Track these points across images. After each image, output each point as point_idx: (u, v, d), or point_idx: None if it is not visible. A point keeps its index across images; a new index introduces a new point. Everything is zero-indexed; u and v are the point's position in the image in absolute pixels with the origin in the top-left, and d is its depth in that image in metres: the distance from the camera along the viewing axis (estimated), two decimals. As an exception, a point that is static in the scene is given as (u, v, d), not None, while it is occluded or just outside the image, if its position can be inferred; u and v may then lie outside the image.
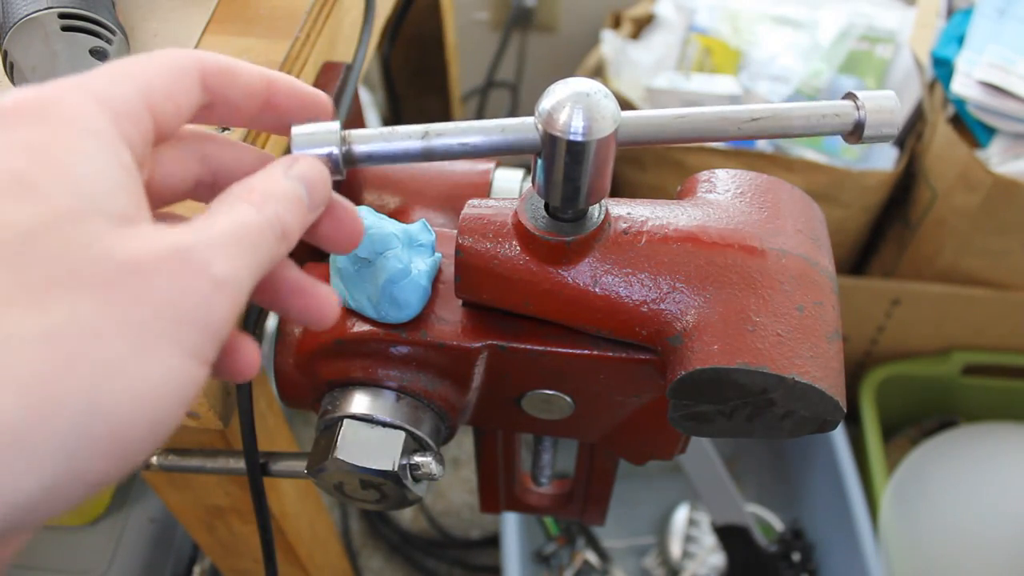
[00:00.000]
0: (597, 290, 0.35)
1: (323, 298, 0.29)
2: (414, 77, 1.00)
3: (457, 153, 0.30)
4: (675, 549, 1.08)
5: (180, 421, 0.22)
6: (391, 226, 0.38)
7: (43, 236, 0.20)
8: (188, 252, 0.22)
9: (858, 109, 0.31)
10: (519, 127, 0.31)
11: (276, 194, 0.26)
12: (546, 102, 0.30)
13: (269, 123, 0.29)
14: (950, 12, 1.03)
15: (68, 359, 0.20)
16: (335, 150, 0.29)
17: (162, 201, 0.28)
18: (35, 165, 0.21)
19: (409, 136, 0.30)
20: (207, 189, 0.29)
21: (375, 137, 0.30)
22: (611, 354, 0.37)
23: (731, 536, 0.77)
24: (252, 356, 0.27)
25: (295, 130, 0.29)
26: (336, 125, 0.29)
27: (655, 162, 1.06)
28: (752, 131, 0.31)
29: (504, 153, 0.31)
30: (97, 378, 0.20)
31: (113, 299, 0.21)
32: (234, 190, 0.26)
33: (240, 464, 0.43)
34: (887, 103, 0.31)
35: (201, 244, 0.23)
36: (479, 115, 1.45)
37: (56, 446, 0.19)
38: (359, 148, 0.29)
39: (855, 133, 0.32)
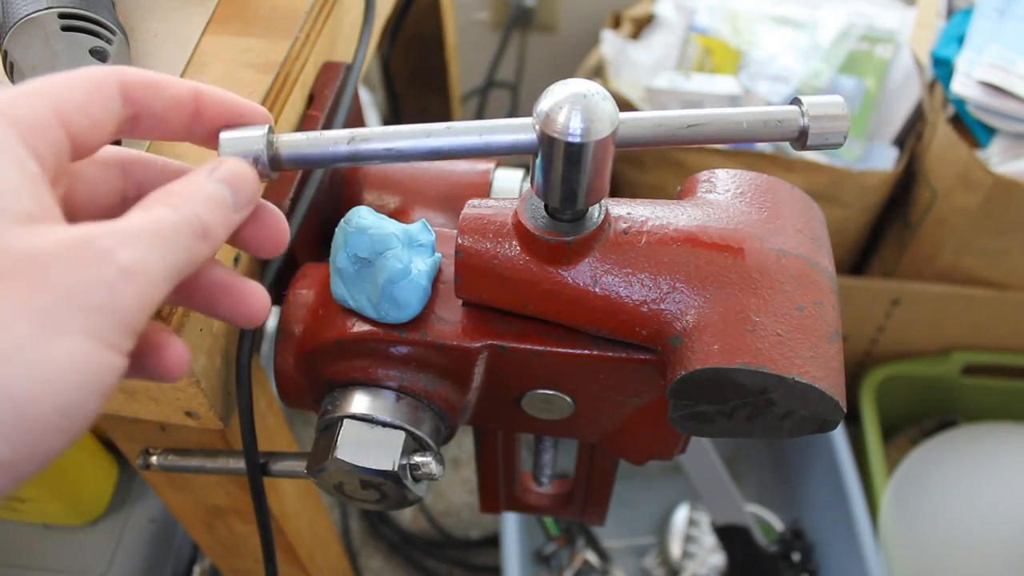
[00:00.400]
0: (597, 290, 0.35)
1: (252, 295, 0.29)
2: (414, 77, 1.00)
3: (382, 157, 0.31)
4: (675, 549, 1.08)
5: (97, 409, 0.23)
6: (391, 226, 0.38)
7: None
8: (91, 241, 0.23)
9: (802, 116, 0.31)
10: (515, 127, 0.31)
11: (196, 196, 0.26)
12: (544, 103, 0.30)
13: (201, 135, 0.30)
14: (950, 12, 1.03)
15: None
16: (262, 153, 0.29)
17: (88, 217, 0.28)
18: None
19: (335, 141, 0.30)
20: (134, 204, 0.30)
21: (302, 142, 0.30)
22: (611, 354, 0.37)
23: (731, 536, 0.77)
24: (180, 355, 0.27)
25: (223, 135, 0.29)
26: (263, 129, 0.30)
27: (655, 162, 1.06)
28: (692, 136, 0.31)
29: (495, 154, 0.31)
30: (1, 360, 0.20)
31: (13, 287, 0.21)
32: (153, 195, 0.26)
33: (240, 464, 0.43)
34: (833, 109, 0.31)
35: (106, 235, 0.23)
36: (479, 115, 1.45)
37: None
38: (286, 151, 0.30)
39: (799, 140, 0.31)
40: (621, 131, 0.31)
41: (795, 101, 0.32)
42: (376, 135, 0.30)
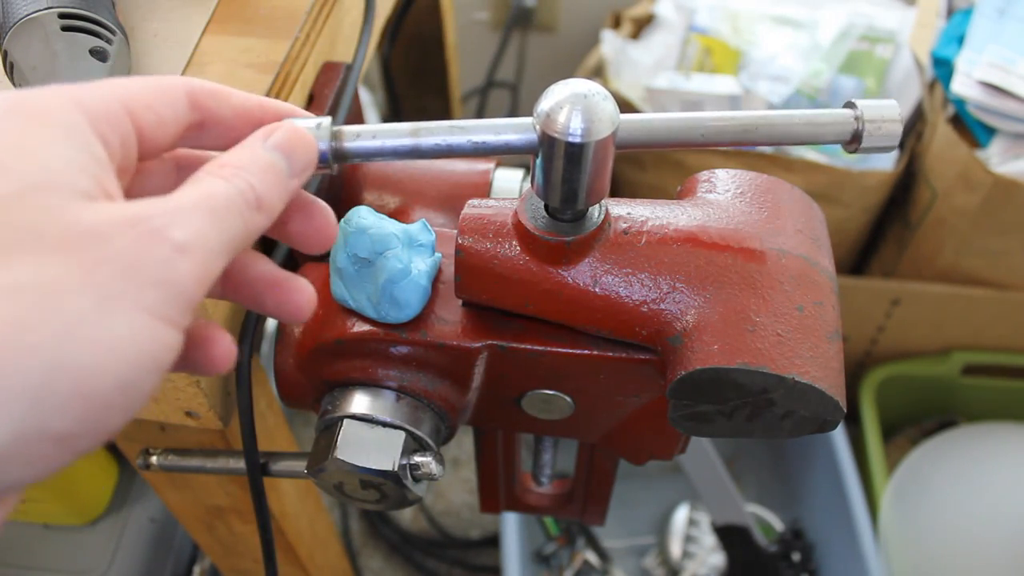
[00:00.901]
0: (597, 290, 0.35)
1: (299, 291, 0.29)
2: (414, 77, 1.00)
3: (445, 152, 0.30)
4: (675, 549, 1.08)
5: (154, 388, 0.23)
6: (391, 226, 0.38)
7: (10, 205, 0.21)
8: (146, 219, 0.23)
9: (856, 119, 0.31)
10: (515, 127, 0.31)
11: (249, 165, 0.26)
12: (545, 103, 0.30)
13: None
14: (950, 12, 1.03)
15: (33, 313, 0.20)
16: (327, 145, 0.29)
17: None
18: (5, 149, 0.22)
19: (398, 134, 0.30)
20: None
21: (366, 134, 0.30)
22: (611, 354, 0.37)
23: (731, 536, 0.77)
24: (227, 348, 0.28)
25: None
26: (328, 120, 0.30)
27: (655, 162, 1.06)
28: (751, 139, 0.31)
29: (495, 153, 0.31)
30: (61, 332, 0.21)
31: (76, 260, 0.21)
32: (206, 167, 0.26)
33: (240, 464, 0.43)
34: (888, 112, 0.31)
35: (160, 212, 0.23)
36: (479, 115, 1.45)
37: (21, 396, 0.20)
38: (351, 144, 0.30)
39: (853, 142, 0.32)
40: (676, 132, 0.31)
41: (849, 104, 0.32)
42: (441, 129, 0.30)
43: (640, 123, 0.31)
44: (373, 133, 0.30)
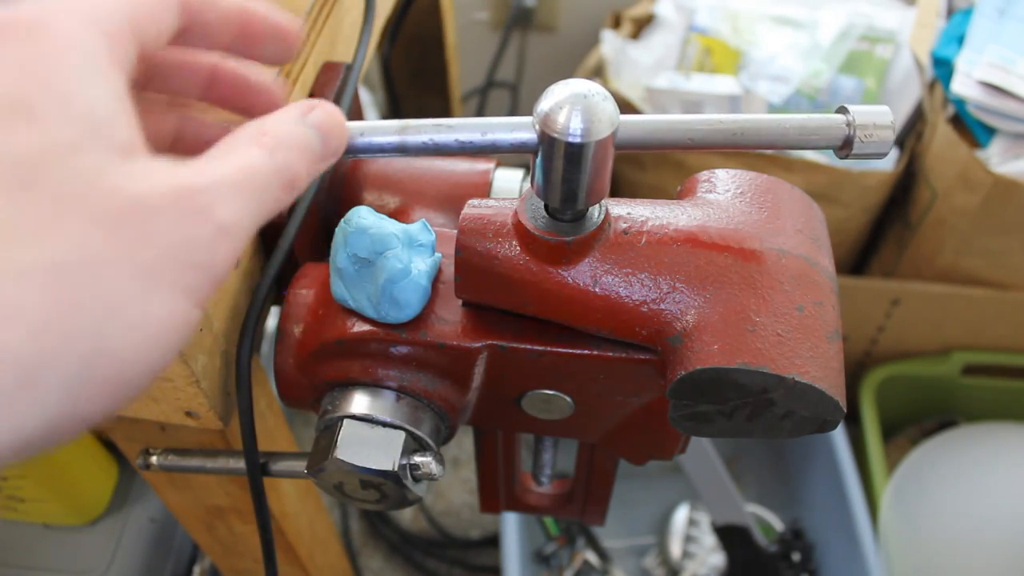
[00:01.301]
0: (597, 290, 0.35)
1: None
2: (414, 77, 1.00)
3: (432, 151, 0.30)
4: (675, 549, 1.08)
5: (171, 363, 0.22)
6: (391, 226, 0.38)
7: (48, 166, 0.20)
8: (194, 194, 0.22)
9: (848, 125, 0.31)
10: (505, 126, 0.31)
11: (289, 141, 0.25)
12: (544, 103, 0.30)
13: (242, 50, 0.29)
14: (950, 12, 1.03)
15: (77, 295, 0.19)
16: None
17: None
18: (31, 88, 0.20)
19: (386, 131, 0.30)
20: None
21: (353, 131, 0.30)
22: (611, 354, 0.37)
23: (731, 536, 0.77)
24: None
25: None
26: None
27: (655, 162, 1.06)
28: (741, 143, 0.31)
29: (483, 152, 0.31)
30: (104, 317, 0.20)
31: (121, 236, 0.20)
32: (247, 130, 0.25)
33: (240, 464, 0.43)
34: (880, 118, 0.31)
35: (207, 187, 0.22)
36: (479, 115, 1.45)
37: (61, 385, 0.19)
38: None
39: (844, 148, 0.31)
40: (666, 134, 0.31)
41: (841, 110, 0.31)
42: (426, 127, 0.30)
43: (633, 125, 0.31)
44: (361, 131, 0.30)
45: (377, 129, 0.30)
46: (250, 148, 0.24)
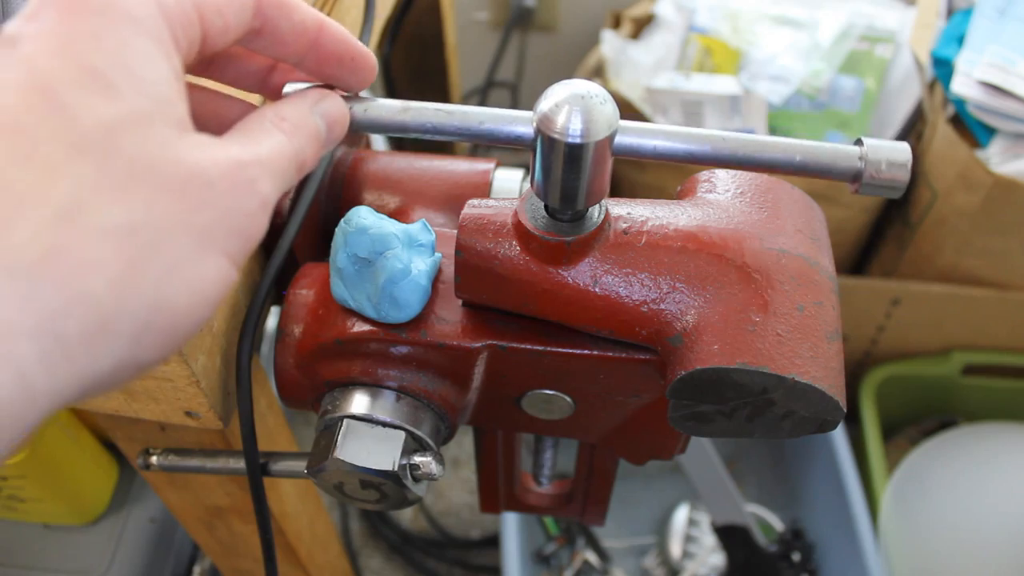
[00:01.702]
0: (597, 290, 0.35)
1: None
2: (414, 77, 1.00)
3: (431, 131, 0.31)
4: (675, 549, 1.08)
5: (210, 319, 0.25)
6: (391, 226, 0.38)
7: (124, 134, 0.22)
8: (244, 168, 0.24)
9: (860, 159, 0.30)
10: (502, 118, 0.31)
11: (303, 128, 0.28)
12: (544, 104, 0.30)
13: (311, 66, 0.30)
14: (950, 12, 1.03)
15: (146, 252, 0.21)
16: None
17: None
18: (107, 60, 0.22)
19: (390, 108, 0.31)
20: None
21: (358, 104, 0.31)
22: (611, 354, 0.37)
23: (731, 536, 0.77)
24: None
25: (288, 87, 0.30)
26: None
27: (655, 162, 1.06)
28: (746, 163, 0.31)
29: (481, 140, 0.32)
30: (164, 273, 0.22)
31: (183, 201, 0.22)
32: (267, 114, 0.27)
33: (240, 464, 0.43)
34: (896, 155, 0.30)
35: (253, 162, 0.25)
36: (479, 115, 1.45)
37: (129, 332, 0.21)
38: (360, 116, 0.31)
39: (855, 182, 0.31)
40: (668, 149, 0.32)
41: (858, 142, 0.31)
42: (427, 110, 0.31)
43: (633, 134, 0.31)
44: (365, 107, 0.31)
45: (381, 107, 0.31)
46: (274, 132, 0.27)
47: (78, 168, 0.21)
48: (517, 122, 0.31)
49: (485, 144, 0.33)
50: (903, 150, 0.30)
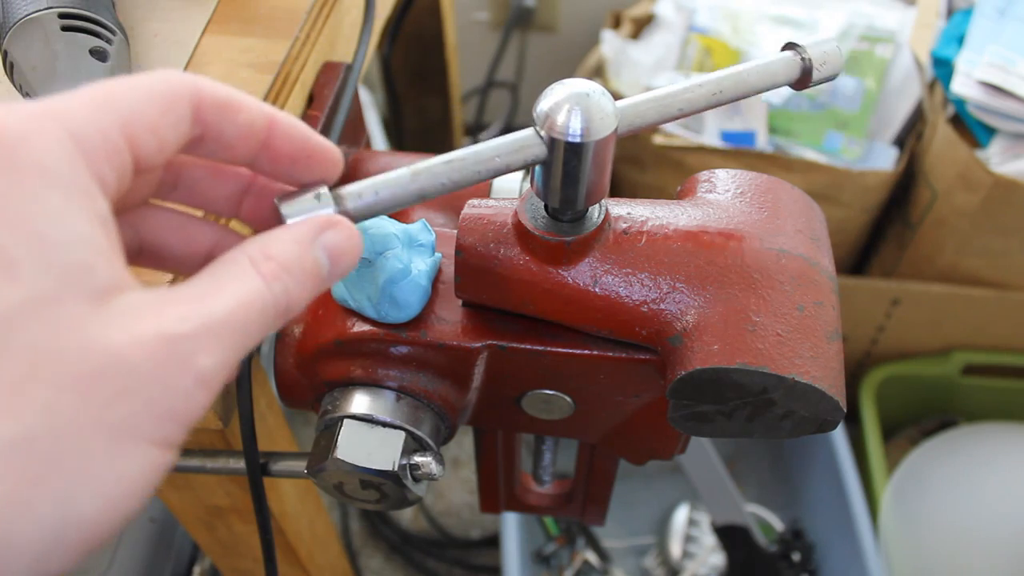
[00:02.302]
0: (597, 290, 0.35)
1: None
2: (414, 77, 1.00)
3: (451, 188, 0.29)
4: (675, 549, 1.08)
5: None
6: (391, 226, 0.38)
7: (23, 323, 0.19)
8: (175, 344, 0.21)
9: (803, 58, 0.34)
10: (514, 146, 0.30)
11: (294, 267, 0.24)
12: (544, 104, 0.30)
13: (264, 167, 0.26)
14: (950, 12, 1.03)
15: (43, 468, 0.19)
16: (329, 211, 0.26)
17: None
18: (7, 232, 0.19)
19: (400, 182, 0.28)
20: (133, 256, 0.27)
21: (366, 191, 0.28)
22: (611, 354, 0.37)
23: (731, 536, 0.77)
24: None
25: (284, 209, 0.26)
26: (322, 188, 0.27)
27: (655, 162, 1.06)
28: (720, 100, 0.33)
29: (502, 174, 0.31)
30: (71, 485, 0.19)
31: (92, 395, 0.19)
32: (249, 250, 0.23)
33: (240, 464, 0.43)
34: (827, 46, 0.34)
35: (191, 333, 0.21)
36: (479, 115, 1.45)
37: (28, 556, 0.19)
38: (354, 205, 0.28)
39: (804, 80, 0.34)
40: (656, 112, 0.32)
41: (788, 46, 0.34)
42: (437, 168, 0.29)
43: (623, 110, 0.31)
44: (375, 189, 0.28)
45: (389, 182, 0.28)
46: (247, 277, 0.23)
47: None
48: (527, 145, 0.30)
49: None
50: (828, 40, 0.34)
